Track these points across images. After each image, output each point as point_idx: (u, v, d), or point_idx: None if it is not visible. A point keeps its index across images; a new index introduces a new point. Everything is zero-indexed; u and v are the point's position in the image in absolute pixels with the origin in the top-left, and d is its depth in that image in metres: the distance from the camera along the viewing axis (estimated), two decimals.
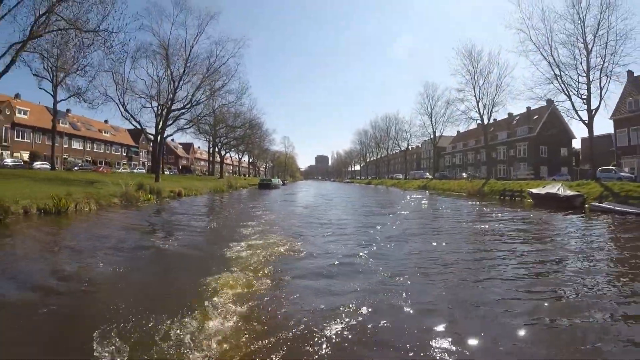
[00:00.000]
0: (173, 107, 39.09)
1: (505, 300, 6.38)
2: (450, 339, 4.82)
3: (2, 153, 46.54)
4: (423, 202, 31.89)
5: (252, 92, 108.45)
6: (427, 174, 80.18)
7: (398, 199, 37.54)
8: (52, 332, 5.01)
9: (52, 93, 36.95)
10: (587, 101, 30.90)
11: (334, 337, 4.90)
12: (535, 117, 60.97)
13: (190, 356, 4.34)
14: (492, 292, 6.79)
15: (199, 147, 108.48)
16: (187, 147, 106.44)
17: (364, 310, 5.81)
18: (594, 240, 12.54)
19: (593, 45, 30.41)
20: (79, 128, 63.01)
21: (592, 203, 22.00)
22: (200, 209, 24.42)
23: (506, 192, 33.07)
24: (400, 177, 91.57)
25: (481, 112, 49.10)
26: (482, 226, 15.94)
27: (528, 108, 61.62)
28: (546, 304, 6.22)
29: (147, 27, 37.94)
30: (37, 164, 42.94)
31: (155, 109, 45.58)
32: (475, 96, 48.92)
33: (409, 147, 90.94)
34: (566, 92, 31.74)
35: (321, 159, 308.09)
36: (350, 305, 5.95)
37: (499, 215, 20.66)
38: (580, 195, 23.28)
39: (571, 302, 6.38)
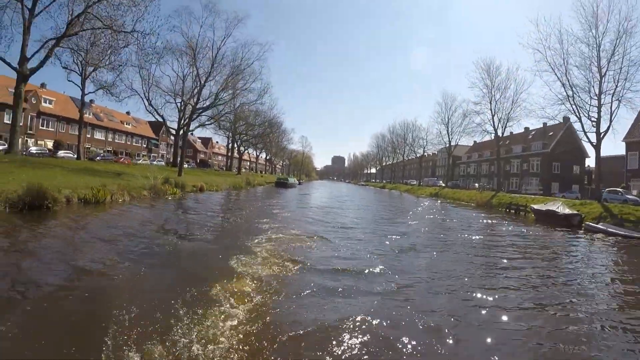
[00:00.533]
0: (197, 106, 41.14)
1: (484, 309, 7.81)
2: (444, 342, 5.85)
3: (27, 141, 48.93)
4: (433, 210, 33.22)
5: (272, 92, 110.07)
6: (441, 182, 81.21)
7: (410, 205, 38.96)
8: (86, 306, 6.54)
9: (80, 86, 39.14)
10: (597, 124, 31.65)
11: (337, 336, 5.73)
12: (551, 134, 61.34)
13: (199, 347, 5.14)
14: (479, 301, 8.16)
15: (217, 142, 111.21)
16: (206, 141, 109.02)
17: (364, 308, 7.00)
18: (580, 259, 14.02)
19: (607, 70, 31.18)
20: (101, 119, 65.46)
21: (587, 223, 22.98)
22: (222, 204, 26.61)
23: (512, 206, 34.04)
24: (415, 183, 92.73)
25: (496, 125, 50.05)
26: (481, 237, 17.34)
27: (544, 124, 61.82)
28: (526, 312, 7.48)
29: (177, 28, 40.35)
30: (61, 153, 45.10)
31: (179, 104, 47.94)
32: (491, 110, 49.95)
33: (425, 154, 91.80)
34: (577, 113, 32.64)
35: (337, 160, 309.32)
36: (353, 306, 7.16)
37: (501, 229, 22.05)
38: (577, 215, 24.31)
39: (549, 311, 7.63)
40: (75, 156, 43.09)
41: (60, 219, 13.60)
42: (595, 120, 31.80)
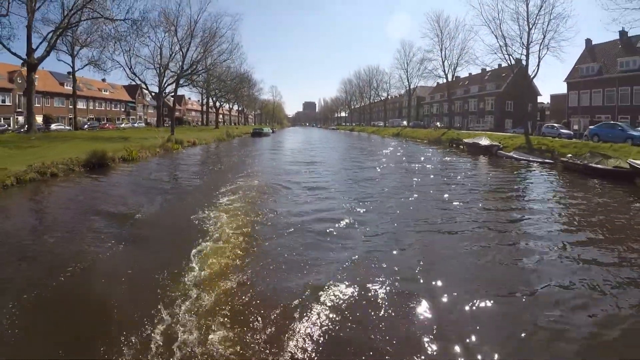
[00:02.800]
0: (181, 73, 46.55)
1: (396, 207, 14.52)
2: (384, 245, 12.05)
3: (17, 119, 51.39)
4: (392, 149, 40.29)
5: (242, 48, 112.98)
6: (404, 122, 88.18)
7: (373, 146, 46.66)
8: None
9: (71, 64, 43.98)
10: (525, 71, 38.25)
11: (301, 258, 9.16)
12: (504, 75, 67.05)
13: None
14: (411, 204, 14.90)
15: (189, 98, 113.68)
16: (179, 98, 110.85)
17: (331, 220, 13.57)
18: (480, 174, 21.42)
19: (535, 23, 36.14)
20: (81, 89, 66.58)
21: (499, 151, 29.91)
22: (217, 153, 34.16)
23: (454, 141, 41.13)
24: (381, 124, 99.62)
25: (446, 71, 56.71)
26: (420, 163, 24.39)
27: (499, 65, 67.37)
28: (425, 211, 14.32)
29: (158, 6, 44.70)
30: (53, 126, 47.35)
31: (158, 70, 52.85)
32: (441, 57, 56.48)
33: (389, 96, 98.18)
34: (509, 62, 39.37)
35: (308, 105, 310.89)
36: (323, 224, 12.17)
37: (437, 157, 29.68)
38: (496, 145, 30.97)
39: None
40: (69, 128, 47.86)
41: (123, 171, 20.08)
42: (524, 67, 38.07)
